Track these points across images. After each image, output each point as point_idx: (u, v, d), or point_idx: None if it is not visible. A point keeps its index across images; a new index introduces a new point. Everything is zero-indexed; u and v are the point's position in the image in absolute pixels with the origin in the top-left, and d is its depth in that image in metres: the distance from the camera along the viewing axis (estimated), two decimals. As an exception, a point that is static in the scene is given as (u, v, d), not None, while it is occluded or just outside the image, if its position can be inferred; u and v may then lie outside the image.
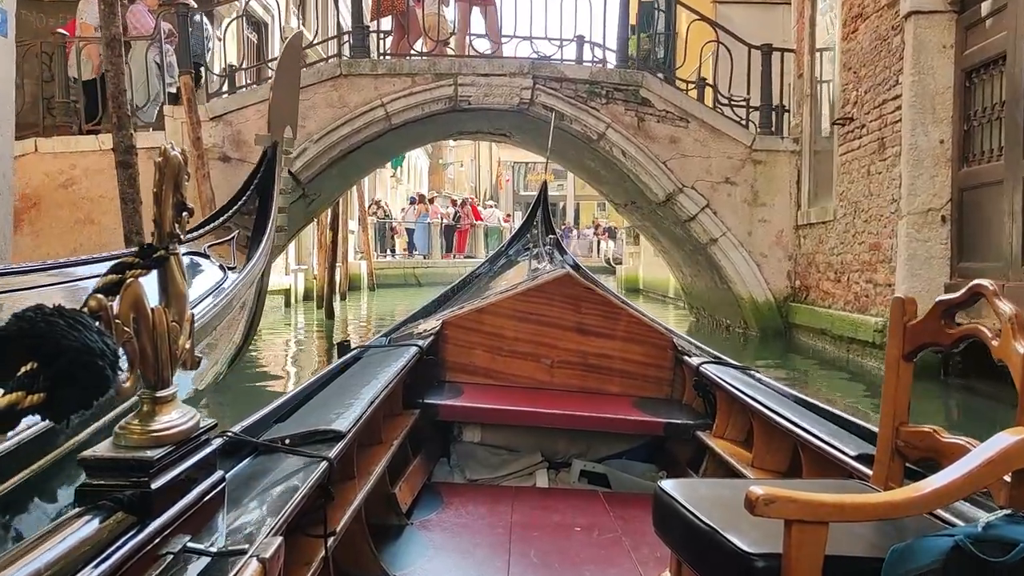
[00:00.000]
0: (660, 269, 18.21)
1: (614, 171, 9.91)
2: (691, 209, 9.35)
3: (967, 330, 1.51)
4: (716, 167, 9.39)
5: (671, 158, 9.33)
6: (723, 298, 10.12)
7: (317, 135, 8.81)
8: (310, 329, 12.17)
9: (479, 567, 2.36)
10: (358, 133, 8.92)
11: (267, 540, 1.28)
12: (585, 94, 9.26)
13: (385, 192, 28.08)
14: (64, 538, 0.87)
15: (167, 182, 1.05)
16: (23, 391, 0.74)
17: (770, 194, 9.48)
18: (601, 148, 9.42)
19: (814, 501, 1.25)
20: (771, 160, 9.48)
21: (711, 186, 9.39)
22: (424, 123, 9.44)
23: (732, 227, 9.39)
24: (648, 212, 10.43)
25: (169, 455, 1.04)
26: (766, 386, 2.81)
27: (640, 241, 21.48)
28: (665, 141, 9.34)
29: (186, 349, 1.12)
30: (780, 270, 9.51)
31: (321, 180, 9.38)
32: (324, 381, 2.58)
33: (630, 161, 9.32)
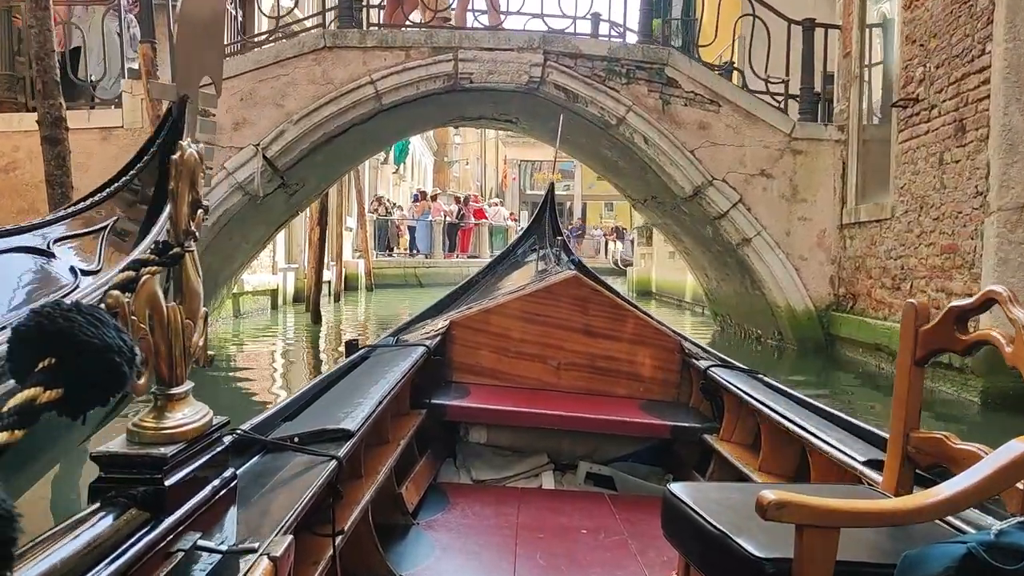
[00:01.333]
0: (675, 271, 17.19)
1: (634, 161, 8.79)
2: (722, 205, 8.25)
3: (980, 336, 1.49)
4: (751, 157, 8.29)
5: (700, 146, 8.23)
6: (754, 305, 9.01)
7: (297, 115, 7.72)
8: (294, 335, 11.05)
9: (485, 568, 2.36)
10: (344, 114, 7.83)
11: (277, 538, 1.27)
12: (603, 72, 8.15)
13: (387, 189, 27.22)
14: (78, 534, 0.87)
15: (183, 179, 1.08)
16: (41, 387, 0.74)
17: (811, 189, 8.37)
18: (620, 134, 8.32)
19: (826, 506, 1.23)
20: (813, 150, 8.37)
21: (744, 179, 8.29)
22: (420, 105, 8.34)
23: (768, 225, 8.29)
24: (671, 208, 9.31)
25: (182, 452, 1.05)
26: (774, 390, 2.79)
27: (653, 241, 20.51)
28: (693, 127, 8.23)
29: (199, 346, 1.13)
30: (822, 275, 8.41)
31: (303, 168, 8.29)
32: (332, 380, 2.57)
33: (653, 149, 8.21)
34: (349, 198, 18.87)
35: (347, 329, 11.82)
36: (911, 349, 1.61)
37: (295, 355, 9.28)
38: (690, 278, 15.73)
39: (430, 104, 8.46)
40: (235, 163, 7.66)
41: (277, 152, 7.75)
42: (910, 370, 1.61)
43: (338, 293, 15.53)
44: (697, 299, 15.04)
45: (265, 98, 7.73)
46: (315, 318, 11.06)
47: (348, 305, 15.90)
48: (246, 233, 8.58)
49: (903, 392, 1.63)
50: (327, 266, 16.02)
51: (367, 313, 15.12)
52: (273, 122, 7.71)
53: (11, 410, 0.70)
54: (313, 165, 8.50)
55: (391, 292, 18.21)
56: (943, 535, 1.37)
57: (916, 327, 1.60)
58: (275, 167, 7.79)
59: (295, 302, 13.99)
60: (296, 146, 7.80)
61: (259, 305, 12.42)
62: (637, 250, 22.66)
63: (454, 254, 22.01)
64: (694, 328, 12.01)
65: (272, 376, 7.73)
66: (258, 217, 8.51)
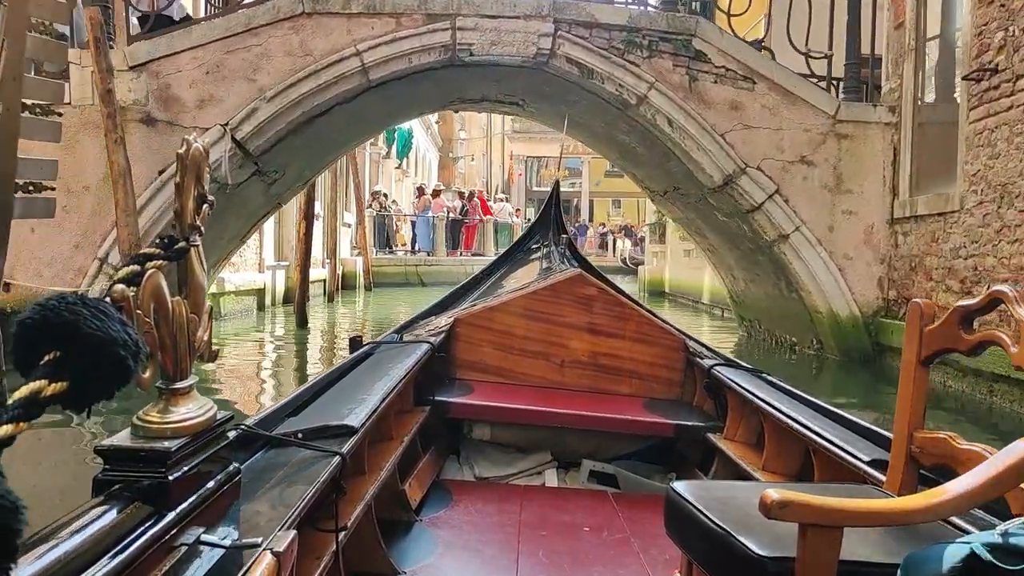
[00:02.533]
0: (691, 270, 16.21)
1: (655, 147, 7.78)
2: (756, 196, 7.25)
3: (985, 336, 1.47)
4: (789, 142, 7.29)
5: (731, 129, 7.23)
6: (789, 310, 8.02)
7: (271, 91, 6.74)
8: (274, 341, 10.02)
9: (487, 566, 2.35)
10: (325, 90, 6.84)
11: (280, 533, 1.27)
12: (621, 44, 7.15)
13: (389, 184, 26.36)
14: (82, 527, 0.88)
15: (188, 173, 1.10)
16: (46, 379, 0.74)
17: (858, 178, 7.37)
18: (640, 116, 7.32)
19: (830, 505, 1.23)
20: (860, 134, 7.37)
21: (782, 167, 7.29)
22: (413, 83, 7.34)
23: (808, 220, 7.29)
24: (695, 201, 8.30)
25: (186, 447, 1.05)
26: (778, 389, 2.80)
27: (667, 239, 19.56)
28: (724, 107, 7.23)
29: (204, 341, 1.13)
30: (869, 276, 7.41)
31: (281, 153, 7.30)
32: (336, 376, 2.57)
33: (678, 133, 7.21)
34: (347, 192, 17.95)
35: (337, 334, 10.83)
36: (916, 348, 1.59)
37: (270, 365, 8.24)
38: (708, 278, 14.75)
39: (425, 82, 7.47)
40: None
41: (248, 133, 6.76)
42: (915, 369, 1.60)
43: (332, 293, 14.55)
44: (717, 301, 14.03)
45: (235, 71, 6.75)
46: (301, 322, 10.07)
47: (344, 306, 14.90)
48: (218, 226, 7.59)
49: (907, 392, 1.61)
50: (322, 264, 15.07)
51: (364, 314, 14.09)
52: (243, 99, 6.73)
53: (16, 402, 0.71)
54: (293, 150, 7.51)
55: (391, 292, 17.24)
56: (947, 535, 1.37)
57: (921, 326, 1.59)
58: (246, 151, 6.81)
59: (285, 303, 12.99)
60: (270, 127, 6.81)
61: (243, 306, 11.43)
62: (649, 248, 21.79)
63: (457, 252, 21.03)
64: (715, 333, 10.99)
65: (229, 392, 6.70)
66: (231, 208, 7.52)
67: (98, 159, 6.40)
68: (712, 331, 11.47)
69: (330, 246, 14.69)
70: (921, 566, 1.17)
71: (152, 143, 6.62)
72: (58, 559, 0.80)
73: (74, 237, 6.51)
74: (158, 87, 6.68)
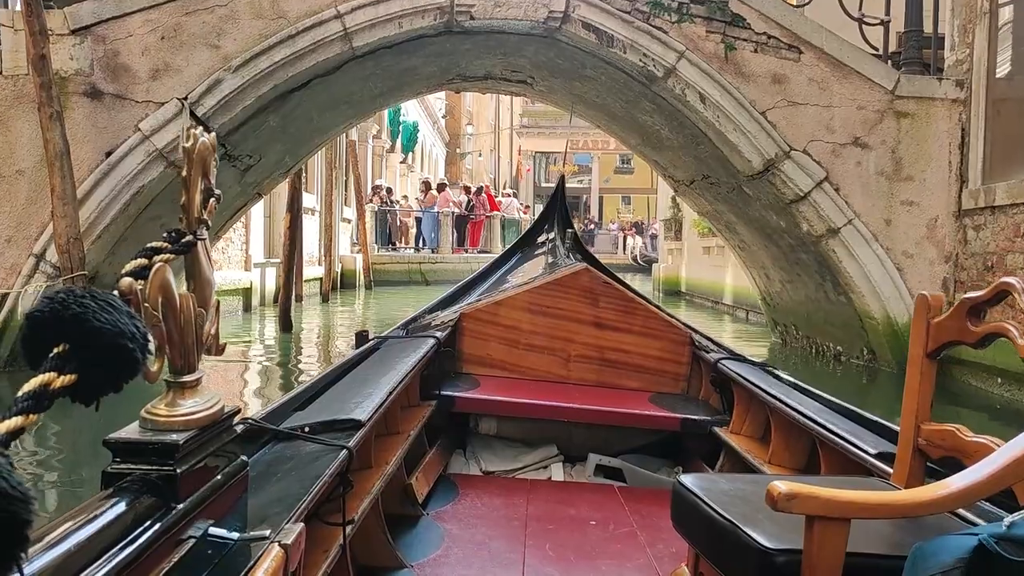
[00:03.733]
0: (711, 269, 15.20)
1: (683, 129, 6.79)
2: (801, 184, 6.26)
3: (992, 328, 1.47)
4: (841, 122, 6.31)
5: (774, 106, 6.25)
6: (834, 315, 7.03)
7: (237, 60, 5.76)
8: (253, 347, 8.99)
9: (494, 559, 2.34)
10: (301, 60, 5.88)
11: (289, 526, 1.27)
12: (647, 7, 6.18)
13: (394, 179, 25.49)
14: (91, 519, 0.88)
15: (195, 167, 1.07)
16: (55, 372, 0.74)
17: (919, 163, 6.37)
18: (667, 92, 6.33)
19: (837, 498, 1.23)
20: (922, 113, 6.38)
21: (832, 150, 6.30)
22: (405, 54, 6.37)
23: (862, 211, 6.30)
24: (728, 191, 7.30)
25: (194, 440, 1.05)
26: (784, 383, 2.81)
27: (683, 235, 18.54)
28: (765, 81, 6.24)
29: (211, 335, 1.13)
30: (932, 277, 6.42)
31: (254, 134, 6.33)
32: (343, 371, 2.57)
33: (711, 110, 6.22)
34: (347, 185, 17.04)
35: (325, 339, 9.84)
36: (923, 341, 1.59)
37: (235, 378, 7.14)
38: (732, 277, 13.73)
39: (419, 53, 6.50)
40: (154, 123, 5.73)
41: (211, 109, 5.81)
42: (922, 362, 1.60)
43: (327, 292, 13.59)
44: (741, 302, 13.01)
45: (195, 36, 5.80)
46: (284, 325, 9.10)
47: (340, 307, 13.95)
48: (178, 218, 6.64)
49: (914, 384, 1.61)
50: (318, 262, 14.14)
51: (359, 316, 13.10)
52: (205, 69, 5.78)
53: (26, 394, 0.71)
54: (268, 132, 6.55)
55: (392, 291, 16.29)
56: (954, 527, 1.36)
57: (928, 319, 1.59)
58: (209, 130, 5.83)
59: (275, 303, 12.02)
60: (237, 102, 5.85)
61: (227, 307, 10.47)
62: (664, 245, 20.77)
63: (463, 248, 20.05)
64: (742, 339, 9.98)
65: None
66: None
67: (34, 138, 5.46)
68: (738, 336, 10.45)
69: (327, 242, 13.74)
70: (929, 558, 1.16)
71: (98, 120, 5.66)
72: (68, 551, 0.80)
73: (5, 230, 5.58)
74: (105, 55, 5.73)
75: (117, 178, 5.64)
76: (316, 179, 14.71)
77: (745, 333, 10.73)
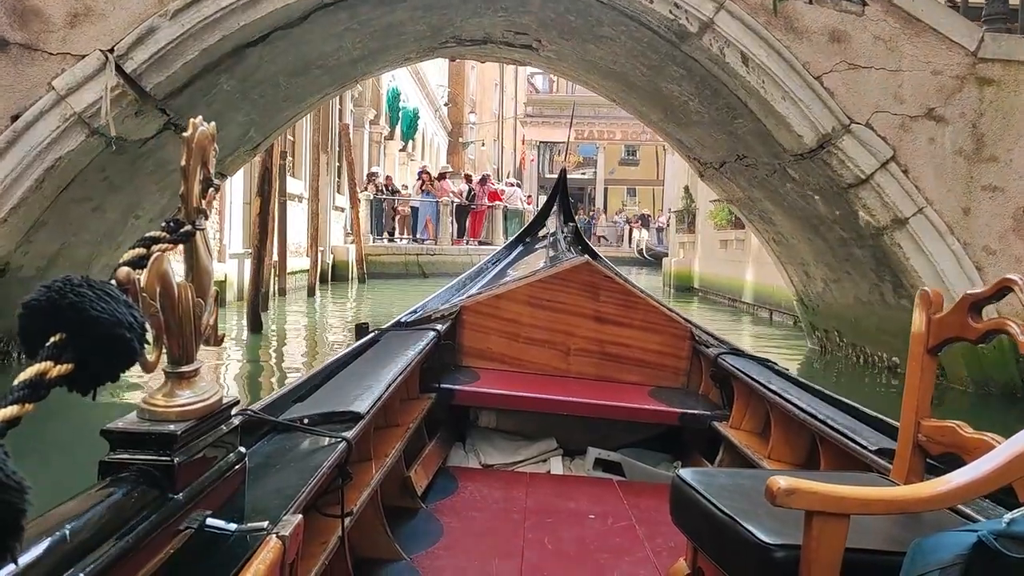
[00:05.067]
0: (727, 264, 14.16)
1: (717, 99, 5.72)
2: (863, 164, 5.23)
3: (993, 324, 1.46)
4: (912, 89, 5.28)
5: (831, 70, 5.22)
6: (891, 320, 6.05)
7: (176, 3, 4.68)
8: (211, 355, 7.83)
9: (492, 552, 2.35)
10: (254, 6, 4.76)
11: (287, 518, 1.27)
12: (679, -55, 5.06)
13: (393, 168, 24.41)
14: (88, 509, 0.87)
15: (194, 156, 1.05)
16: (51, 361, 0.73)
17: (1005, 140, 5.42)
18: (701, 52, 5.29)
19: (836, 493, 1.23)
20: (1010, 79, 5.45)
21: (901, 124, 5.28)
22: (388, 6, 5.28)
23: (935, 198, 5.26)
24: (768, 174, 6.24)
25: (192, 430, 1.04)
26: (784, 378, 2.82)
27: (697, 227, 17.42)
28: (822, 38, 5.19)
29: (209, 325, 1.12)
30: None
31: (204, 100, 5.28)
32: (342, 363, 2.58)
33: (755, 74, 5.18)
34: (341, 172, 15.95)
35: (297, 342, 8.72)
36: (923, 337, 1.58)
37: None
38: (751, 273, 12.65)
39: (403, 4, 5.39)
40: (71, 81, 4.67)
41: (144, 65, 4.78)
42: (922, 358, 1.58)
43: (312, 286, 12.52)
44: (764, 300, 11.95)
45: (123, -28, 4.71)
46: (253, 325, 8.08)
47: (326, 303, 12.89)
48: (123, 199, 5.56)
49: (915, 380, 1.60)
50: (306, 252, 13.08)
51: (350, 313, 11.99)
52: (136, 14, 4.78)
53: (22, 383, 0.70)
54: (223, 98, 5.49)
55: (387, 284, 15.31)
56: (953, 524, 1.35)
57: (929, 315, 1.57)
58: (143, 90, 4.77)
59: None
60: (176, 57, 4.82)
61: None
62: (675, 238, 19.69)
63: (463, 240, 18.96)
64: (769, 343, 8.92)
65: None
66: (142, 175, 5.49)
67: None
68: (763, 340, 9.39)
69: (313, 231, 12.65)
70: (928, 554, 1.15)
71: (3, 77, 4.59)
72: (64, 541, 0.79)
73: None
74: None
75: (26, 148, 4.64)
76: (304, 163, 13.63)
77: (773, 338, 9.65)
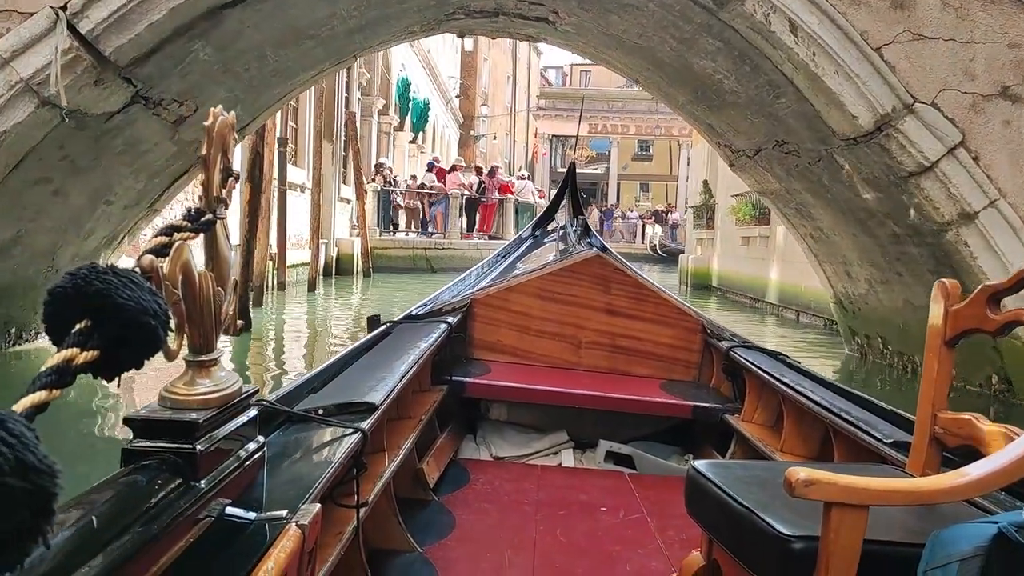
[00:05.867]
0: (749, 262, 13.49)
1: (757, 76, 5.07)
2: (927, 150, 4.58)
3: (1012, 315, 1.46)
4: (984, 64, 4.62)
5: (893, 41, 4.56)
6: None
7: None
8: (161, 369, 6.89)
9: (504, 544, 2.36)
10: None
11: (306, 507, 1.29)
12: None
13: (403, 160, 23.83)
14: (112, 496, 0.89)
15: (215, 146, 1.05)
16: (78, 348, 0.73)
17: (1092, 124, 4.59)
18: (742, 20, 4.67)
19: (856, 484, 1.23)
20: (1098, 53, 4.58)
21: (971, 104, 4.60)
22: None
23: (1010, 190, 4.63)
24: (812, 162, 5.57)
25: (213, 419, 1.05)
26: (796, 370, 2.82)
27: (716, 224, 16.74)
28: (883, 4, 4.57)
29: (229, 314, 1.12)
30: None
31: (177, 70, 4.68)
32: (356, 354, 2.59)
33: (804, 44, 4.52)
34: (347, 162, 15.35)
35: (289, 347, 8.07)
36: (941, 328, 1.57)
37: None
38: (776, 272, 11.96)
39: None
40: (16, 42, 4.07)
41: (102, 25, 4.17)
42: (939, 350, 1.58)
43: (313, 280, 11.91)
44: (789, 301, 11.29)
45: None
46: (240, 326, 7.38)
47: (329, 297, 12.28)
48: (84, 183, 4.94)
49: (932, 372, 1.59)
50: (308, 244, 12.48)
51: (349, 310, 11.37)
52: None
53: (49, 370, 0.70)
54: (200, 69, 4.87)
55: (394, 279, 14.79)
56: (971, 516, 1.35)
57: (947, 306, 1.57)
58: (100, 54, 4.16)
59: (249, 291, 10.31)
60: (140, 17, 4.23)
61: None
62: (692, 234, 18.98)
63: (472, 234, 18.31)
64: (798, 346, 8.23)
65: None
66: (107, 157, 4.87)
67: None
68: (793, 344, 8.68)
69: (314, 223, 12.04)
70: (948, 546, 1.15)
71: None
72: (87, 527, 0.80)
73: None
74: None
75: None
76: (306, 151, 13.02)
77: (805, 342, 8.94)
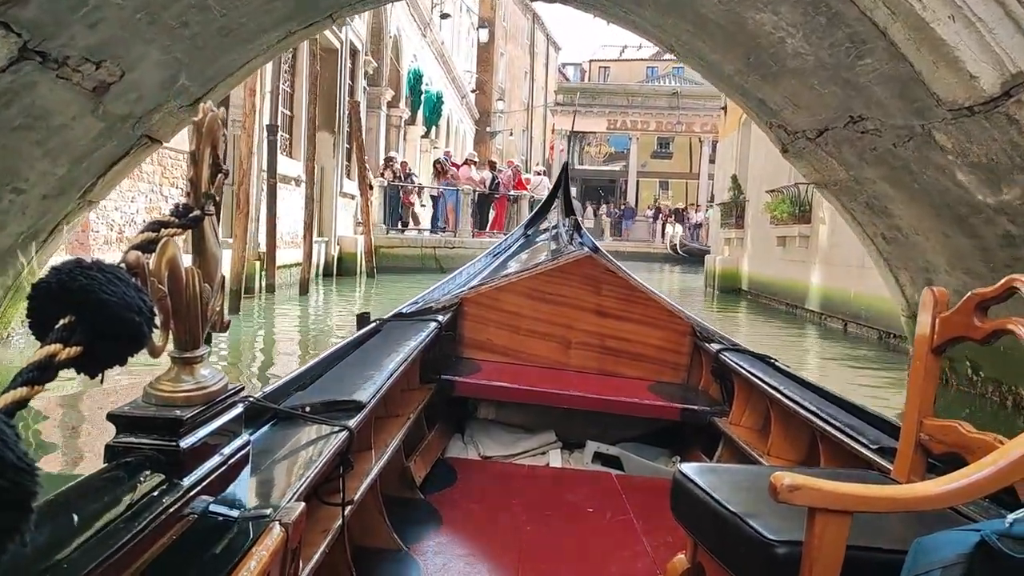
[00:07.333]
0: (784, 265, 12.35)
1: (833, 31, 3.95)
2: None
3: (999, 324, 1.46)
4: None
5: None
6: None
7: None
8: (124, 378, 5.83)
9: (490, 544, 2.37)
10: None
11: (289, 505, 1.29)
12: None
13: (415, 156, 22.96)
14: (94, 492, 0.91)
15: (204, 141, 1.05)
16: (61, 343, 0.73)
17: None
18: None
19: (840, 490, 1.23)
20: None
21: None
22: None
23: None
24: (896, 143, 4.42)
25: (198, 416, 1.06)
26: (785, 375, 2.81)
27: (746, 222, 15.53)
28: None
29: (216, 311, 1.12)
30: None
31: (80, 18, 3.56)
32: (343, 352, 2.58)
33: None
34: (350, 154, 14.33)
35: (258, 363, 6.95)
36: (928, 336, 1.58)
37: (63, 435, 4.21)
38: (818, 276, 10.76)
39: None
40: None
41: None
42: (926, 357, 1.59)
43: (305, 283, 10.85)
44: (835, 309, 10.17)
45: None
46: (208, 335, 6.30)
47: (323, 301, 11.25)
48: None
49: (919, 379, 1.60)
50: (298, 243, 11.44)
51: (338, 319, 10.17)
52: None
53: (31, 365, 0.70)
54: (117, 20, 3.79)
55: (398, 280, 13.74)
56: (954, 523, 1.36)
57: (934, 314, 1.58)
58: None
59: (246, 294, 9.32)
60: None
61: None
62: (719, 233, 17.83)
63: (485, 232, 17.27)
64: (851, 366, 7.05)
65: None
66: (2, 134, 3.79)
67: None
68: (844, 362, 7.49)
69: (307, 219, 10.97)
70: (930, 553, 1.16)
71: None
72: (68, 525, 0.80)
73: None
74: None
75: None
76: (301, 141, 11.99)
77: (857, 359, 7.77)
